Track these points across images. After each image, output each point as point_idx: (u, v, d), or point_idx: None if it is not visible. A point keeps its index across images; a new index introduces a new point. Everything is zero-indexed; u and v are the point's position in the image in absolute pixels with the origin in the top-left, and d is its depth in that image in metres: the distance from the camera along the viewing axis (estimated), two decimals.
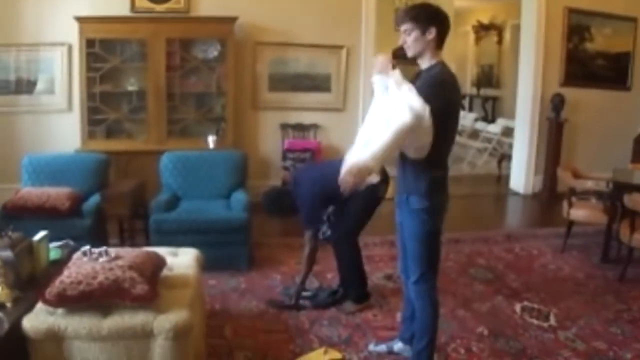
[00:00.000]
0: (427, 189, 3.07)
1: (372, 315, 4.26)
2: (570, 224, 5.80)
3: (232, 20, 6.84)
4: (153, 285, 3.00)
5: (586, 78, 8.36)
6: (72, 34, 6.66)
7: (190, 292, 3.28)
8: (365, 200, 4.22)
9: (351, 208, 4.27)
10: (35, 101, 7.10)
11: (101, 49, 6.73)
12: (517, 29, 9.29)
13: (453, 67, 3.08)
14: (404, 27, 3.04)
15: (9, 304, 2.95)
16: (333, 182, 4.34)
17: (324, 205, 4.41)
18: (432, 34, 2.98)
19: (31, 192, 5.14)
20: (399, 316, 3.99)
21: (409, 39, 3.02)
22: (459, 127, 11.62)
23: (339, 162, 3.24)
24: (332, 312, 4.31)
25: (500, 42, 14.60)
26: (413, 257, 3.23)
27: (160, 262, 3.32)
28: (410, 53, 3.07)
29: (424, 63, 3.07)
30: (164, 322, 2.85)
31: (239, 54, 7.18)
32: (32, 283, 3.24)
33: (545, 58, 8.08)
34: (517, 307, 4.42)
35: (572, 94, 8.05)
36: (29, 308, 2.93)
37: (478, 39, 15.55)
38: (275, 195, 4.59)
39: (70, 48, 6.90)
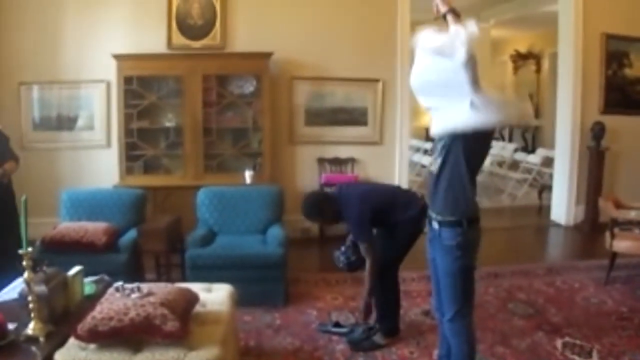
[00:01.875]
0: (460, 221, 3.02)
1: (408, 353, 4.17)
2: (614, 255, 5.64)
3: (267, 55, 6.90)
4: (184, 322, 3.00)
5: (626, 105, 8.20)
6: (110, 72, 6.82)
7: (223, 328, 3.26)
8: (409, 232, 4.18)
9: (395, 239, 4.21)
10: (75, 137, 7.25)
11: (139, 86, 6.85)
12: (555, 57, 9.19)
13: None
14: None
15: (42, 338, 3.00)
16: (381, 200, 4.23)
17: (372, 222, 4.22)
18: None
19: (69, 226, 5.23)
20: (435, 354, 3.90)
21: None
22: (500, 158, 11.62)
23: (383, 185, 3.20)
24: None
25: (538, 71, 14.51)
26: (447, 295, 3.16)
27: (192, 299, 3.32)
28: None
29: None
30: (195, 359, 2.84)
31: (275, 89, 7.24)
32: (66, 318, 3.28)
33: (584, 86, 7.96)
34: (558, 343, 4.29)
35: (613, 121, 7.89)
36: (62, 343, 2.97)
37: (516, 68, 15.48)
38: (317, 198, 4.43)
39: (108, 85, 7.05)
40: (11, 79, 7.01)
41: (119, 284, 3.29)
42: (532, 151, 12.31)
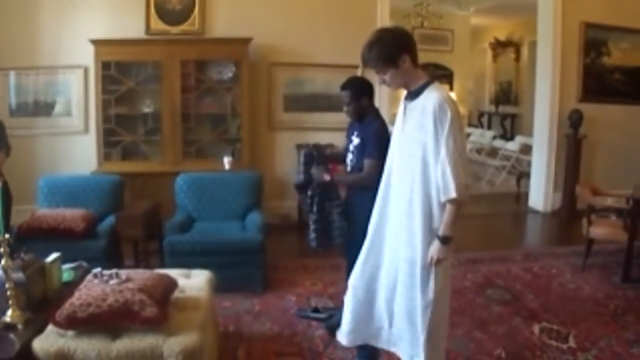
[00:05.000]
0: None
1: None
2: (590, 242, 5.70)
3: (247, 41, 6.87)
4: (163, 308, 2.99)
5: (604, 93, 8.29)
6: (88, 57, 6.73)
7: (202, 314, 3.26)
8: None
9: (355, 231, 4.14)
10: (52, 123, 7.17)
11: (117, 72, 6.78)
12: (534, 45, 9.26)
13: (471, 84, 2.98)
14: (375, 69, 2.93)
15: (20, 326, 2.96)
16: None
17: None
18: (406, 61, 2.85)
19: (46, 213, 5.18)
20: None
21: (387, 77, 2.92)
22: (478, 146, 11.69)
23: None
24: None
25: (517, 58, 14.58)
26: None
27: (171, 285, 3.31)
28: (395, 87, 3.04)
29: (412, 87, 2.94)
30: (174, 344, 2.84)
31: (254, 75, 7.20)
32: (44, 305, 3.24)
33: (563, 74, 8.03)
34: (536, 328, 4.34)
35: (590, 109, 7.96)
36: (40, 330, 2.94)
37: (495, 56, 15.54)
38: (369, 84, 4.11)
39: (86, 70, 6.97)
40: None
41: (97, 270, 3.26)
42: (511, 138, 12.40)
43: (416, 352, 2.97)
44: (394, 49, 2.84)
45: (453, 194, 2.73)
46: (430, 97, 2.81)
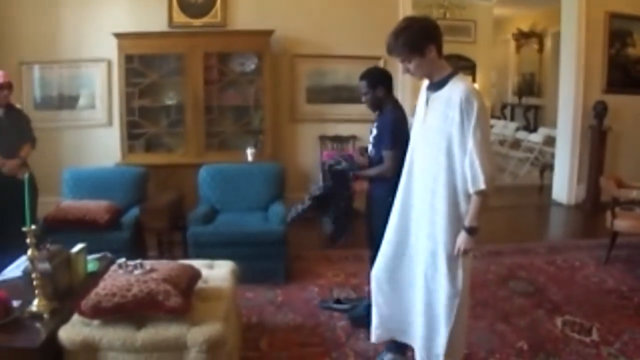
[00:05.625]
0: None
1: None
2: (614, 234, 5.64)
3: (269, 33, 6.88)
4: (187, 298, 3.01)
5: (629, 84, 8.17)
6: (111, 50, 6.81)
7: (225, 304, 3.28)
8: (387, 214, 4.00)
9: (376, 223, 4.10)
10: (77, 116, 7.26)
11: (140, 65, 6.84)
12: (558, 36, 9.15)
13: (494, 75, 2.93)
14: (400, 57, 2.90)
15: (46, 315, 2.99)
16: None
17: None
18: (432, 51, 2.84)
19: (71, 205, 5.25)
20: None
21: (411, 66, 2.88)
22: (502, 137, 11.59)
23: None
24: None
25: (541, 50, 14.44)
26: None
27: (195, 275, 3.33)
28: (418, 77, 2.99)
29: (436, 77, 2.92)
30: (198, 334, 2.86)
31: (277, 67, 7.23)
32: (69, 294, 3.28)
33: (587, 65, 7.92)
34: (558, 321, 4.30)
35: (615, 100, 7.86)
36: (66, 319, 2.98)
37: (518, 47, 15.42)
38: (388, 74, 4.05)
39: (110, 64, 7.04)
40: (12, 58, 6.98)
41: (122, 260, 3.30)
42: (534, 130, 12.30)
43: (434, 345, 2.97)
44: (420, 38, 2.82)
45: (482, 186, 2.73)
46: (456, 88, 2.80)
